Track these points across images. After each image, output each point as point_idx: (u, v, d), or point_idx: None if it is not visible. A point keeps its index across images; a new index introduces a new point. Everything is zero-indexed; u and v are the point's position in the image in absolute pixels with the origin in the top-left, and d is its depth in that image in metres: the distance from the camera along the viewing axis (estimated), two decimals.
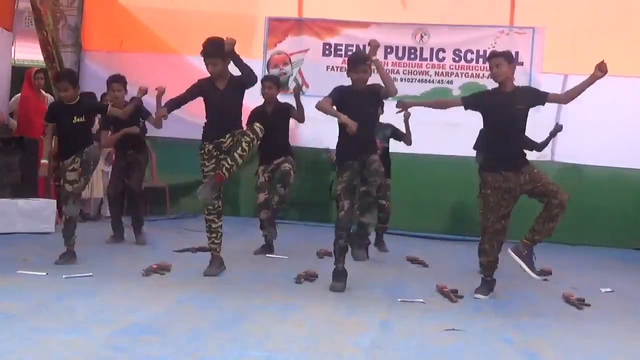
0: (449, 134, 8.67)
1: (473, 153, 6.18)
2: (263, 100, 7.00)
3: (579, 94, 5.40)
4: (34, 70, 8.62)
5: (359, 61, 5.47)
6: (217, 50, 5.56)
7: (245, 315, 4.45)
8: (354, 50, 9.46)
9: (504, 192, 5.37)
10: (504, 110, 5.40)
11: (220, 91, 5.70)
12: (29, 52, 11.07)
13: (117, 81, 7.07)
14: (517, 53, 9.27)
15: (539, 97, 5.48)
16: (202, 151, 5.72)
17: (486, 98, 5.59)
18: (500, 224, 5.39)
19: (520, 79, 9.22)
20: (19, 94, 8.64)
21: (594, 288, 6.04)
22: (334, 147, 5.61)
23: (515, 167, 5.40)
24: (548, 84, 9.13)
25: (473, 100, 5.59)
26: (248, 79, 5.67)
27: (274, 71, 9.64)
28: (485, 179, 5.48)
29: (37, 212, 7.28)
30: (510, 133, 5.45)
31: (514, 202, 5.43)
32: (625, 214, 9.07)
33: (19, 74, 8.94)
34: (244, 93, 5.78)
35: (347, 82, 5.59)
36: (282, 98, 7.20)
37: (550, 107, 9.11)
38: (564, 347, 4.19)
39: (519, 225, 5.66)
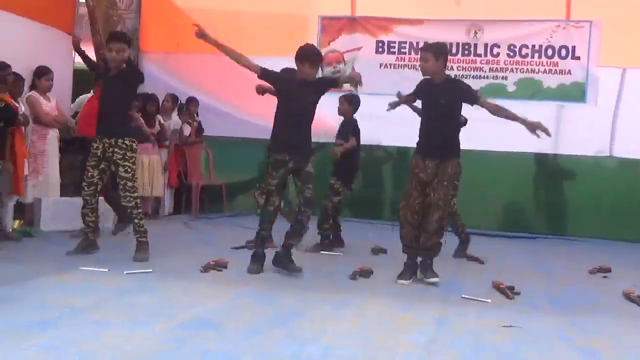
0: (502, 130, 8.55)
1: (524, 149, 6.08)
2: None
3: (507, 119, 5.40)
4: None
5: None
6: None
7: (301, 311, 4.49)
8: (407, 47, 9.47)
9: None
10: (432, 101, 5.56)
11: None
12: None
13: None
14: (573, 47, 9.14)
15: (470, 97, 5.50)
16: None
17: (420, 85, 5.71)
18: None
19: (577, 73, 9.10)
20: (83, 96, 8.83)
21: None
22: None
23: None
24: (606, 78, 9.01)
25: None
26: None
27: (328, 70, 9.69)
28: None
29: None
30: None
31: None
32: None
33: (81, 77, 9.14)
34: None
35: (400, 78, 5.60)
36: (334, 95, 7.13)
37: (608, 101, 8.99)
38: (625, 346, 4.10)
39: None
